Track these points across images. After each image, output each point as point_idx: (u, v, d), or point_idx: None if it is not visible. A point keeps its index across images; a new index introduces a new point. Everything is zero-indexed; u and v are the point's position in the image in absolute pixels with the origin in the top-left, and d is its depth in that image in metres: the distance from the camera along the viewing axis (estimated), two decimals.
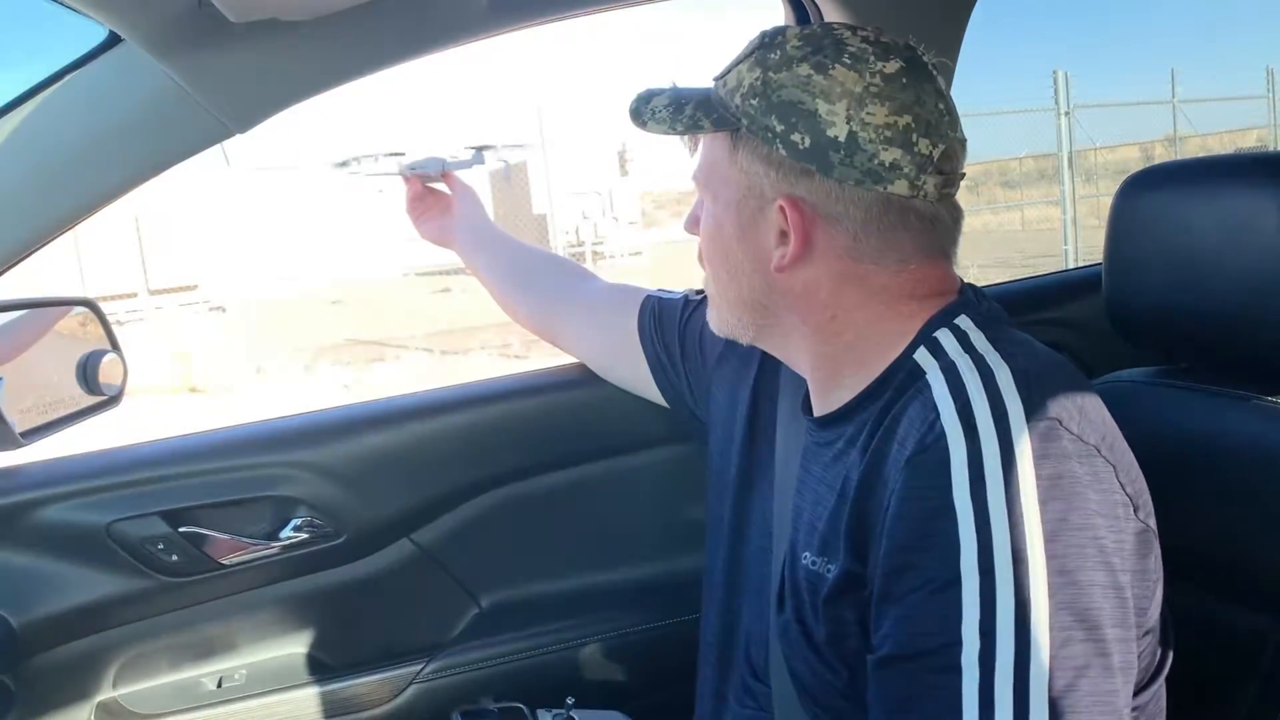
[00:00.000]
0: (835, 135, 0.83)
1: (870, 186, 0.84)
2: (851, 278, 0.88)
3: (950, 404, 0.78)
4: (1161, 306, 1.07)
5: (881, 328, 0.88)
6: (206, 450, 1.39)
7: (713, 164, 0.93)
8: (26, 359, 1.19)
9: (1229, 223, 0.99)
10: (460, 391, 1.54)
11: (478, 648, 1.47)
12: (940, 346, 0.84)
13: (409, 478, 1.43)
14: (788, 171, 0.86)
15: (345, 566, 1.44)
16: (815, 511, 0.90)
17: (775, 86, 0.85)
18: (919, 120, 0.84)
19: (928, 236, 0.87)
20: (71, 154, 1.04)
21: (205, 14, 0.95)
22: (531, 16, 1.19)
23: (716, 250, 0.95)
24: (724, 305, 0.96)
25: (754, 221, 0.90)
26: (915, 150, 0.83)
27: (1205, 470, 0.96)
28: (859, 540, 0.81)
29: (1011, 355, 0.81)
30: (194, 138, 1.08)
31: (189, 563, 1.34)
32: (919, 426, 0.78)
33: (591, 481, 1.52)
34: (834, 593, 0.84)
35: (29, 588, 1.29)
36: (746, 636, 1.07)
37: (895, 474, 0.78)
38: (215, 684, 1.41)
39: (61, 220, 1.05)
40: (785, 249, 0.87)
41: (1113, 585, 0.73)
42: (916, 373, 0.83)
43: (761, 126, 0.86)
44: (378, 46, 1.11)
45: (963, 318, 0.86)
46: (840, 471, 0.87)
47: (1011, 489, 0.73)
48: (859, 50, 0.84)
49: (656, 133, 0.95)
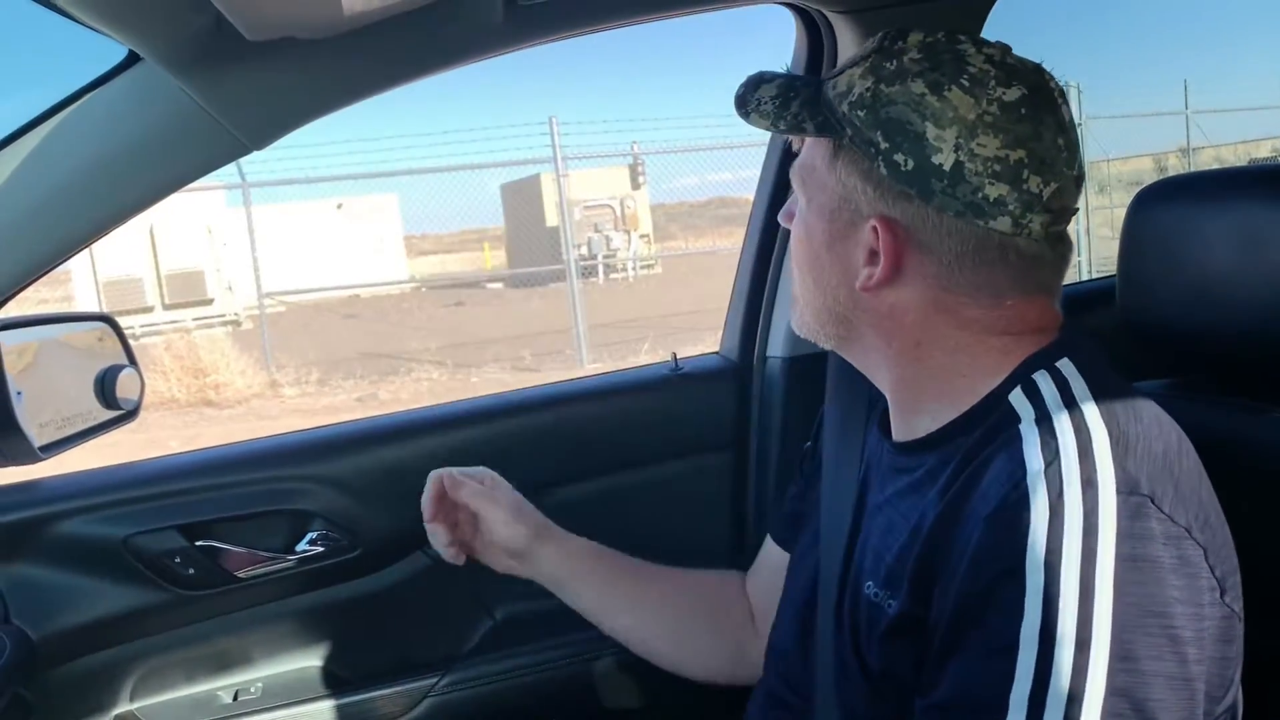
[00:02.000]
0: (940, 163, 0.79)
1: (971, 220, 0.79)
2: (942, 307, 0.84)
3: (1039, 463, 0.74)
4: (1176, 318, 1.06)
5: (971, 361, 0.84)
6: (223, 464, 1.40)
7: (812, 166, 0.88)
8: (45, 374, 1.21)
9: (1244, 235, 0.98)
10: (475, 405, 1.54)
11: (493, 660, 1.47)
12: (1039, 392, 0.80)
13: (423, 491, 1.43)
14: (886, 191, 0.81)
15: (360, 579, 1.44)
16: (884, 541, 0.88)
17: (885, 100, 0.80)
18: (1033, 156, 0.79)
19: (1027, 275, 0.83)
20: (91, 171, 1.05)
21: (223, 33, 0.97)
22: (547, 33, 1.20)
23: (805, 255, 0.90)
24: (808, 310, 0.92)
25: (845, 235, 0.85)
26: (1024, 187, 0.79)
27: (1224, 483, 0.96)
28: (924, 584, 0.79)
29: (1112, 415, 0.77)
30: (211, 155, 1.09)
31: (205, 576, 1.34)
32: (1003, 482, 0.75)
33: (608, 493, 1.52)
34: (892, 630, 0.82)
35: (47, 601, 1.30)
36: (780, 643, 1.06)
37: (973, 527, 0.75)
38: (231, 697, 1.42)
39: (81, 237, 1.06)
40: (874, 269, 0.83)
41: (1182, 677, 0.70)
42: (1011, 417, 0.79)
43: (865, 140, 0.81)
44: (392, 64, 1.12)
45: (1065, 361, 0.82)
46: (917, 506, 0.84)
47: (1087, 565, 0.70)
48: (980, 72, 0.79)
49: (759, 126, 0.89)
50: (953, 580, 0.75)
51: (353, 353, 10.85)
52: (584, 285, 10.81)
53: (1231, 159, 13.02)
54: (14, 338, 1.16)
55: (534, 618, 1.50)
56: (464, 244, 23.57)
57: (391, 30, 1.07)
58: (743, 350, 1.60)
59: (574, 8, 1.19)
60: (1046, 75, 0.83)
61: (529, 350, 10.01)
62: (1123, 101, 18.64)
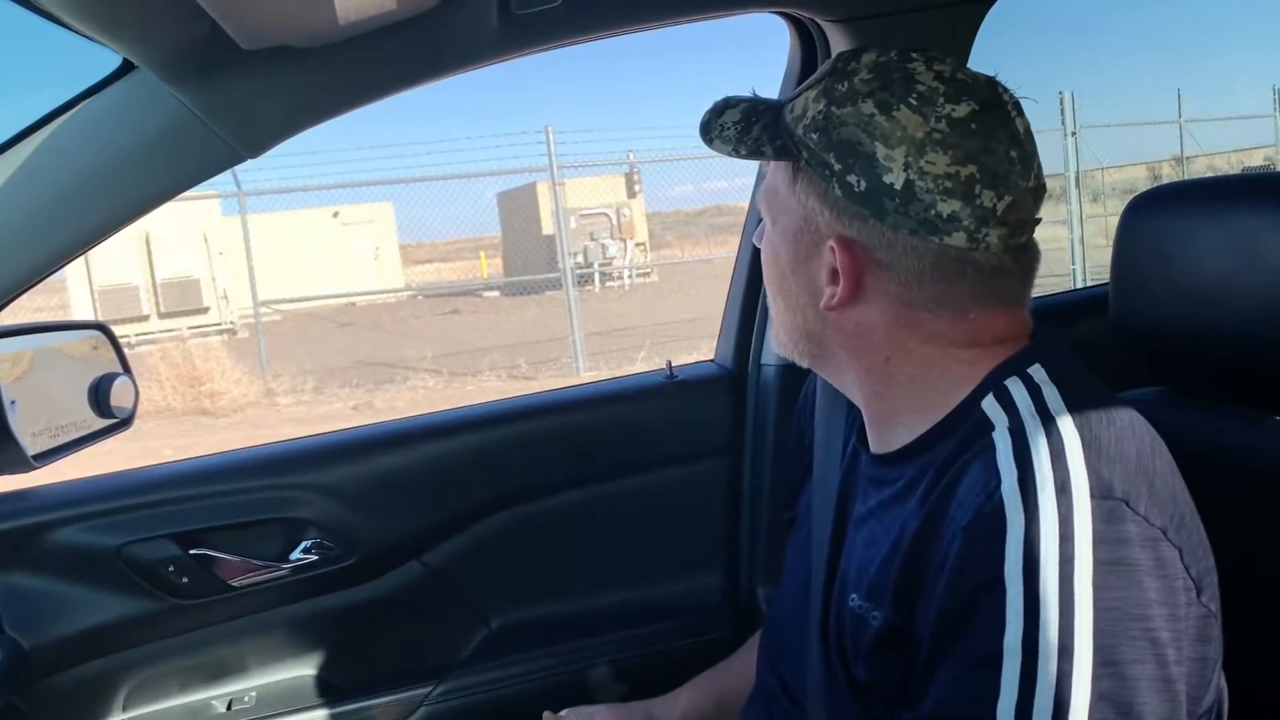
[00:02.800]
0: (891, 182, 0.79)
1: (926, 237, 0.80)
2: (905, 323, 0.84)
3: (1013, 473, 0.74)
4: (1170, 326, 1.07)
5: (941, 373, 0.85)
6: (217, 473, 1.40)
7: (775, 189, 0.90)
8: (39, 382, 1.20)
9: (1237, 242, 0.99)
10: (470, 412, 1.54)
11: (488, 669, 1.47)
12: (1011, 400, 0.80)
13: (419, 499, 1.43)
14: (842, 212, 0.82)
15: (355, 588, 1.44)
16: (867, 554, 0.88)
17: (837, 122, 0.81)
18: (984, 170, 0.79)
19: (988, 287, 0.82)
20: (85, 179, 1.05)
21: (217, 42, 0.97)
22: (542, 42, 1.20)
23: (774, 276, 0.92)
24: (782, 330, 0.93)
25: (809, 255, 0.86)
26: (978, 202, 0.79)
27: (1216, 489, 0.96)
28: (907, 596, 0.79)
29: (1084, 421, 0.77)
30: (205, 163, 1.09)
31: (200, 585, 1.34)
32: (978, 492, 0.75)
33: (602, 501, 1.52)
34: (877, 643, 0.83)
35: (40, 610, 1.29)
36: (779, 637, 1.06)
37: (951, 538, 0.75)
38: (225, 706, 1.41)
39: (76, 244, 1.06)
40: (836, 289, 0.84)
41: (1162, 679, 0.71)
42: (984, 425, 0.79)
43: (820, 162, 0.82)
44: (387, 72, 1.12)
45: (1036, 367, 0.82)
46: (897, 517, 0.85)
47: (1065, 571, 0.70)
48: (928, 90, 0.80)
49: (722, 152, 0.91)
50: (934, 592, 0.76)
51: (348, 361, 10.84)
52: (580, 293, 10.80)
53: (1225, 167, 13.05)
54: (8, 346, 1.16)
55: (528, 626, 1.50)
56: (459, 253, 23.57)
57: (386, 38, 1.07)
58: (737, 358, 1.61)
59: (569, 17, 1.19)
60: (1000, 89, 0.83)
61: (525, 358, 10.00)
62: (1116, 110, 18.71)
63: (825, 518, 0.99)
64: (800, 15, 1.40)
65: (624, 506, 1.52)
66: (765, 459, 1.56)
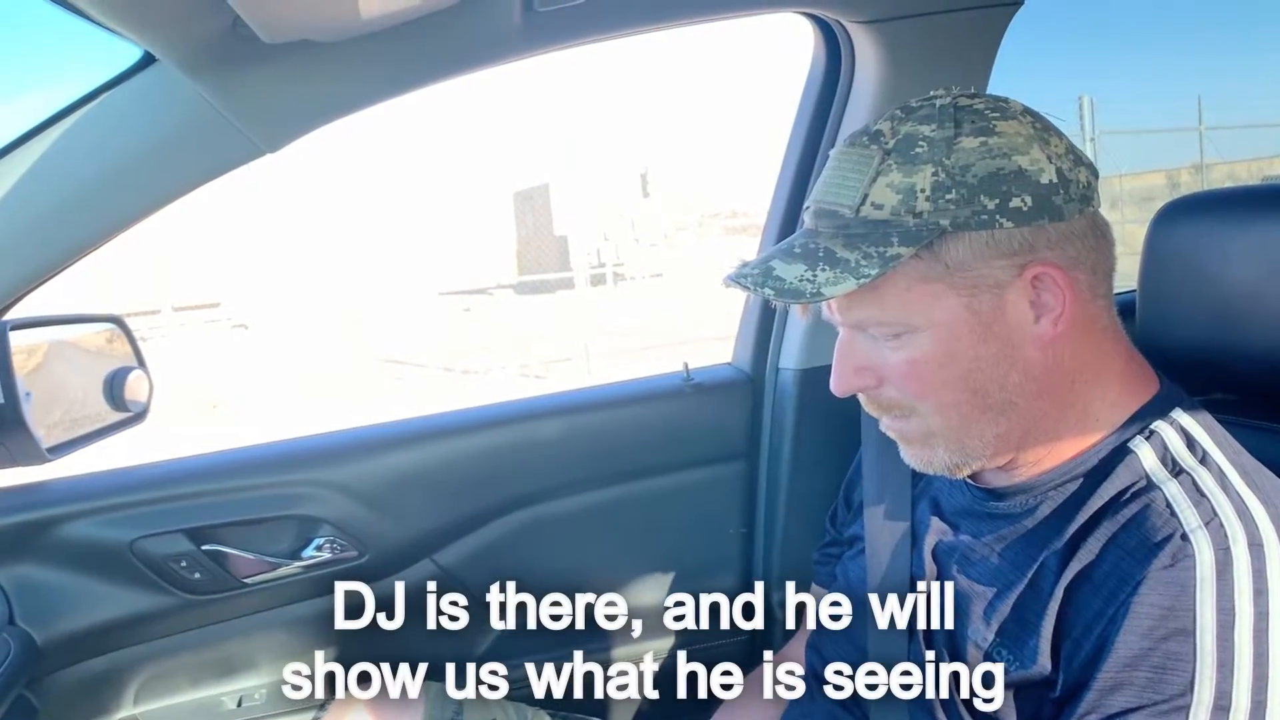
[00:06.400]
0: (1050, 180, 0.80)
1: (1083, 209, 0.82)
2: (1087, 322, 0.84)
3: (1196, 521, 0.74)
4: (1197, 337, 1.05)
5: (1084, 406, 0.84)
6: (230, 468, 1.39)
7: (898, 298, 0.82)
8: (54, 374, 1.20)
9: (1268, 254, 0.97)
10: (484, 412, 1.53)
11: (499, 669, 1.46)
12: (1165, 444, 0.80)
13: (432, 498, 1.42)
14: (1019, 242, 0.80)
15: None
16: (989, 588, 0.85)
17: (961, 170, 0.80)
18: (1071, 147, 0.84)
19: (1108, 249, 0.86)
20: (104, 172, 1.05)
21: (239, 35, 0.96)
22: (564, 39, 1.19)
23: (952, 378, 0.83)
24: (966, 435, 0.85)
25: (997, 314, 0.81)
26: (1084, 162, 0.84)
27: None
28: (1055, 639, 0.78)
29: (1246, 473, 0.78)
30: (225, 157, 1.08)
31: (211, 580, 1.34)
32: (1159, 540, 0.74)
33: (618, 503, 1.51)
34: (1011, 683, 0.81)
35: (52, 604, 1.29)
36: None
37: (1127, 586, 0.74)
38: (235, 703, 1.41)
39: (94, 237, 1.06)
40: (1050, 314, 0.82)
41: None
42: (1137, 469, 0.79)
43: (972, 212, 0.79)
44: (409, 68, 1.12)
45: (1178, 411, 0.83)
46: (1030, 554, 0.82)
47: (1260, 625, 0.70)
48: (982, 106, 0.83)
49: (834, 295, 0.81)
50: (1102, 640, 0.74)
51: (362, 357, 10.87)
52: (593, 293, 10.80)
53: (1245, 175, 12.97)
54: (24, 338, 1.16)
55: (538, 628, 1.49)
56: None
57: (408, 34, 1.06)
58: (755, 361, 1.59)
59: (591, 14, 1.18)
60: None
61: (536, 358, 10.01)
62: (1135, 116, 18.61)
63: (900, 553, 0.96)
64: (826, 16, 1.39)
65: (639, 510, 1.51)
66: (782, 463, 1.55)
